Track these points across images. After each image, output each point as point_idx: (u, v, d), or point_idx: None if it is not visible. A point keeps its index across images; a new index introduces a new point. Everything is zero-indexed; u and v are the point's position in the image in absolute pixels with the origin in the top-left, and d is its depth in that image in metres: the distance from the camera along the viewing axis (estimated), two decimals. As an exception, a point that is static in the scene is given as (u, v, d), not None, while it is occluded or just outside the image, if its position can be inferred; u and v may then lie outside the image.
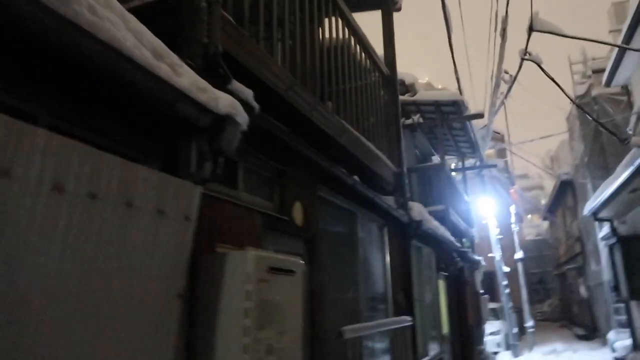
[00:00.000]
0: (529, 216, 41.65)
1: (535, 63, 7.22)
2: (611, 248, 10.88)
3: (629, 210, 10.20)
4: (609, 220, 11.45)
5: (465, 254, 11.30)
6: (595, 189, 12.85)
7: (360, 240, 4.84)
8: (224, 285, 2.23)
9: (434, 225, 7.65)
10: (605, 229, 13.25)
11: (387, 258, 5.62)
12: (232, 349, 2.16)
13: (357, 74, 5.18)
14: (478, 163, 15.05)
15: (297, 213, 3.48)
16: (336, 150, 4.27)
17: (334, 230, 4.42)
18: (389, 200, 5.80)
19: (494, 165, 16.74)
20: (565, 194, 24.16)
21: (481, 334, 13.41)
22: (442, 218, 9.49)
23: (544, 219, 35.15)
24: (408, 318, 5.52)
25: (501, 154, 27.18)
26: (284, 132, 3.16)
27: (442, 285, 8.95)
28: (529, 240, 36.53)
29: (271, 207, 3.29)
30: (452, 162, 16.20)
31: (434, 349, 7.52)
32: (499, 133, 26.47)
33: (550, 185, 32.56)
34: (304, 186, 3.69)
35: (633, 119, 8.59)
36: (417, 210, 6.64)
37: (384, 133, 6.07)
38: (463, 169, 14.95)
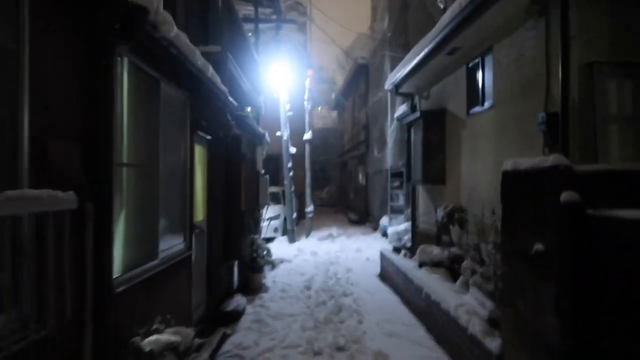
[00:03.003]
0: (320, 108, 41.92)
1: None
2: (409, 127, 9.46)
3: (435, 82, 8.66)
4: (411, 95, 9.97)
5: (245, 120, 8.59)
6: (393, 69, 11.23)
7: None
8: None
9: (188, 47, 4.47)
10: (402, 108, 12.06)
11: (26, 63, 2.30)
12: None
13: None
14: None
15: None
16: None
17: None
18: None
19: (293, 21, 14.08)
20: (359, 80, 23.45)
21: (257, 221, 11.38)
22: (217, 64, 6.58)
23: (334, 108, 35.41)
24: (71, 197, 2.43)
25: (302, 30, 24.84)
26: None
27: (200, 153, 6.06)
28: (317, 128, 36.67)
29: None
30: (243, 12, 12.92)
31: (171, 245, 4.74)
32: (301, 4, 23.92)
33: (341, 80, 32.35)
34: None
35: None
36: (140, -11, 3.32)
37: None
38: (256, 21, 11.81)
